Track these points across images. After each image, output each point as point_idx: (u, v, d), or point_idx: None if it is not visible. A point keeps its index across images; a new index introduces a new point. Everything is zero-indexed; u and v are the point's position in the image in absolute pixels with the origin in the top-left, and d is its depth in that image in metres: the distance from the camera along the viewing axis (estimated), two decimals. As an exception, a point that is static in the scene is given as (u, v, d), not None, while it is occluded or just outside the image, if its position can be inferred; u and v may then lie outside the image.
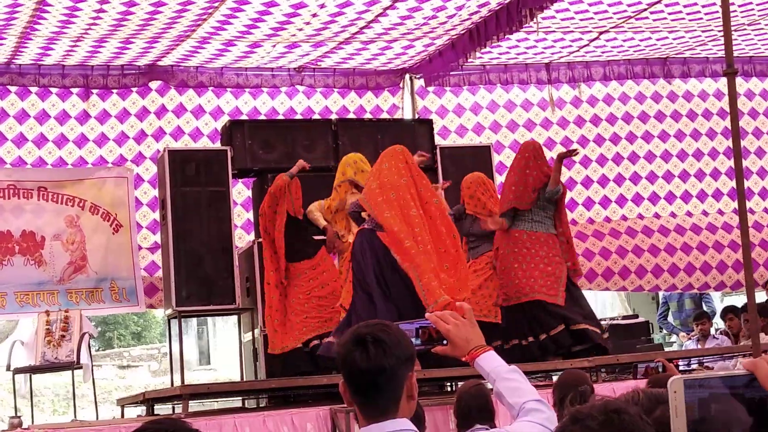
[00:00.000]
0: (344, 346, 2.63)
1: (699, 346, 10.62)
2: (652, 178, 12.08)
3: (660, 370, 6.79)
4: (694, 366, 8.94)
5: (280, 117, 11.18)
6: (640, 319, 11.75)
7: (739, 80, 11.80)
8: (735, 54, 6.96)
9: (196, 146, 10.73)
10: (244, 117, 11.02)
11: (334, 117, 11.06)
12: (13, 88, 10.45)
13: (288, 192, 8.61)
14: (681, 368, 8.45)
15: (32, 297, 10.02)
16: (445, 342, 2.78)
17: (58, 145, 10.58)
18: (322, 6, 9.01)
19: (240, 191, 10.81)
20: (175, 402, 8.07)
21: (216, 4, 8.78)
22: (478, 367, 2.78)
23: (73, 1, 8.45)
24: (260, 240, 8.91)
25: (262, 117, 11.13)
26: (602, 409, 1.66)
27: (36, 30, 9.21)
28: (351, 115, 11.37)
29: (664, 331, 12.19)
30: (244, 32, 9.68)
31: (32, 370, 9.72)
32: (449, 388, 8.76)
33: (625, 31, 10.68)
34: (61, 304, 9.96)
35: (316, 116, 11.26)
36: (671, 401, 1.34)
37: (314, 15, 9.24)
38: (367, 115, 11.43)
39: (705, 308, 11.73)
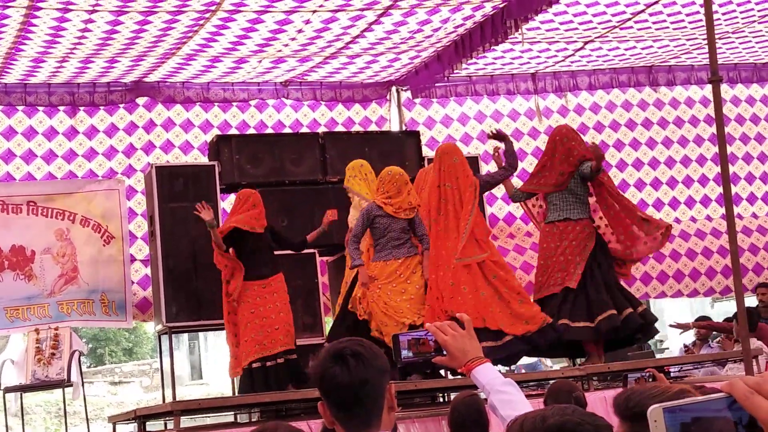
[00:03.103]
0: (321, 364, 2.64)
1: (695, 350, 10.66)
2: (639, 185, 12.12)
3: (651, 380, 6.80)
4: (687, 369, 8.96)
5: (269, 129, 11.19)
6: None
7: (724, 87, 11.85)
8: (720, 61, 7.01)
9: (183, 161, 10.73)
10: (233, 130, 11.04)
11: (321, 130, 11.09)
12: (-1, 107, 10.46)
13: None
14: (673, 374, 8.47)
15: (22, 311, 9.92)
16: (444, 353, 2.80)
17: (46, 161, 10.56)
18: (308, 22, 9.03)
19: (229, 206, 10.79)
20: (167, 418, 8.05)
21: (201, 22, 8.80)
22: (474, 379, 2.80)
23: (58, 21, 8.46)
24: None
25: (251, 129, 11.14)
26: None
27: (21, 50, 9.22)
28: (340, 127, 11.39)
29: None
30: (230, 48, 9.69)
31: (22, 388, 9.70)
32: (441, 399, 8.76)
33: (610, 41, 10.73)
34: (52, 316, 9.88)
35: (305, 128, 11.27)
36: (652, 430, 1.33)
37: (300, 31, 9.26)
38: (356, 127, 11.45)
39: None
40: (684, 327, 10.60)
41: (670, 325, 10.56)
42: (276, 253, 8.74)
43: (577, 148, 8.63)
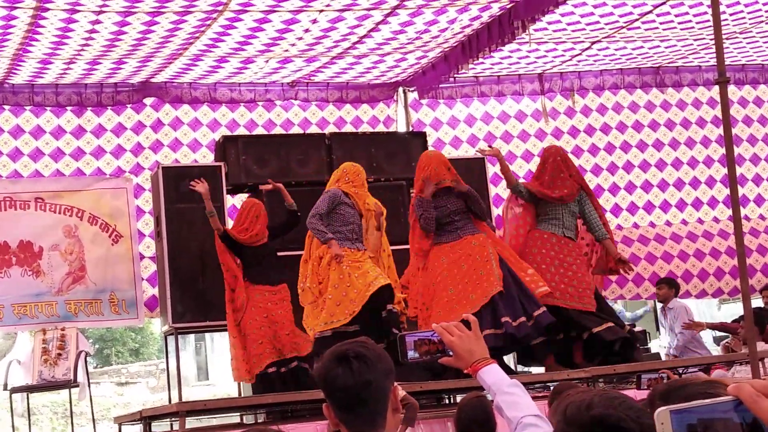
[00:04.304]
0: (325, 366, 2.64)
1: (663, 316, 10.79)
2: (647, 187, 12.10)
3: (665, 381, 6.79)
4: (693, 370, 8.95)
5: (278, 128, 11.21)
6: (638, 329, 11.74)
7: (732, 88, 11.83)
8: (727, 62, 6.98)
9: (191, 160, 10.77)
10: (241, 129, 11.07)
11: (329, 130, 11.09)
12: (6, 106, 10.45)
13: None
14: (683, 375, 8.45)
15: (30, 308, 9.86)
16: (451, 354, 2.80)
17: (54, 159, 10.56)
18: (315, 21, 9.02)
19: (235, 207, 10.78)
20: (173, 419, 8.05)
21: (208, 22, 8.80)
22: (480, 380, 2.79)
23: (66, 22, 8.46)
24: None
25: (260, 128, 11.16)
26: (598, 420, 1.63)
27: (28, 52, 9.22)
28: (348, 126, 11.39)
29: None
30: (236, 48, 9.69)
31: (29, 389, 9.70)
32: (447, 401, 8.75)
33: (618, 41, 10.71)
34: (60, 315, 9.85)
35: (314, 127, 11.28)
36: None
37: (306, 30, 9.26)
38: (364, 127, 11.45)
39: None
40: (697, 327, 10.62)
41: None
42: (279, 254, 8.77)
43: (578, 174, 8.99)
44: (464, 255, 8.18)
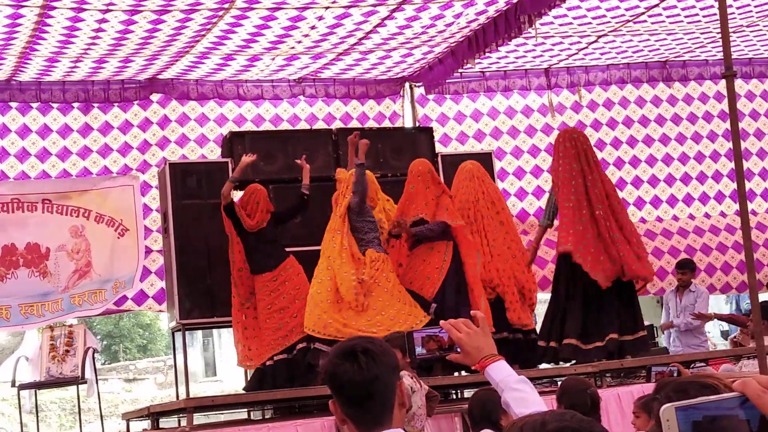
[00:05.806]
0: (332, 362, 2.65)
1: (677, 296, 10.70)
2: (653, 181, 12.08)
3: (675, 375, 6.82)
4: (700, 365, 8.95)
5: (285, 123, 11.21)
6: (645, 323, 11.71)
7: (739, 82, 11.80)
8: (734, 56, 6.97)
9: (199, 155, 10.79)
10: (248, 124, 11.08)
11: (336, 125, 11.08)
12: (13, 104, 10.45)
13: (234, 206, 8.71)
14: (692, 369, 8.45)
15: (37, 308, 9.91)
16: (458, 350, 2.81)
17: (61, 158, 10.55)
18: (321, 18, 9.02)
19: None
20: (180, 415, 8.06)
21: (215, 20, 8.80)
22: (488, 376, 2.80)
23: (72, 20, 8.47)
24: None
25: (267, 123, 11.16)
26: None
27: (35, 50, 9.23)
28: (354, 122, 11.38)
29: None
30: (243, 46, 9.69)
31: (37, 385, 9.73)
32: (454, 396, 8.76)
33: (624, 35, 10.68)
34: (64, 309, 9.89)
35: (320, 123, 11.27)
36: (665, 429, 1.33)
37: (313, 27, 9.25)
38: (371, 122, 11.44)
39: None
40: (705, 318, 10.60)
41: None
42: (288, 249, 8.81)
43: None
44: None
